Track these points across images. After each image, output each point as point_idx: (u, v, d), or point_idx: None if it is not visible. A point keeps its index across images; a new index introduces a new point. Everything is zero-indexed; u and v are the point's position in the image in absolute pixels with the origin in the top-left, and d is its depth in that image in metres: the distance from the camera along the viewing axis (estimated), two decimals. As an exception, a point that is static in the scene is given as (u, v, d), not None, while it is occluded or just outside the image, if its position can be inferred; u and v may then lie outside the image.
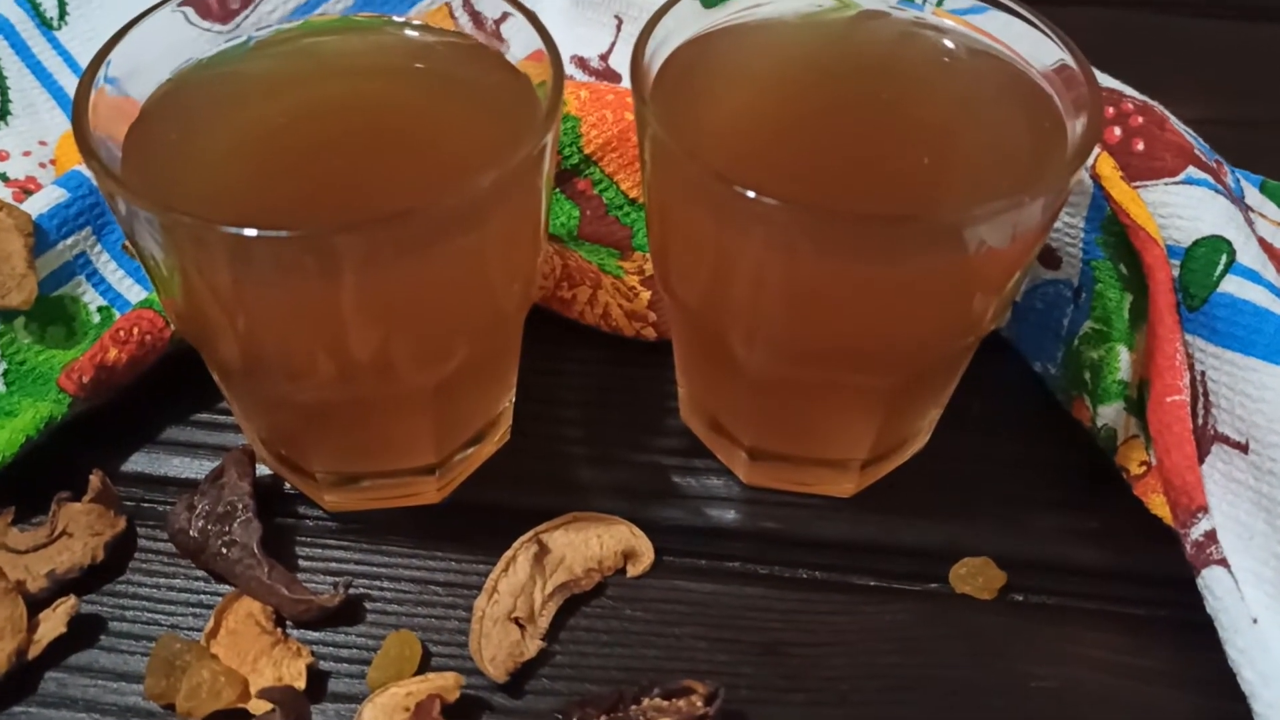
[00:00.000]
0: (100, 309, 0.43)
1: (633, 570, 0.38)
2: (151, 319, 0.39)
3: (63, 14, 0.51)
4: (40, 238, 0.41)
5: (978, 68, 0.36)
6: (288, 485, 0.39)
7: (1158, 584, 0.38)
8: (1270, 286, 0.37)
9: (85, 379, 0.38)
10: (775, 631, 0.37)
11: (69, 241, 0.42)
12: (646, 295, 0.44)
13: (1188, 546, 0.36)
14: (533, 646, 0.35)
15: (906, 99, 0.36)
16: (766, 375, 0.36)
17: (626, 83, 0.50)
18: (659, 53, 0.35)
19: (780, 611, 0.37)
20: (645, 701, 0.33)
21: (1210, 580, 0.35)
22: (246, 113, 0.34)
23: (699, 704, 0.33)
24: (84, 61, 0.49)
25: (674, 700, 0.33)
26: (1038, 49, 0.36)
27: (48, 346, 0.41)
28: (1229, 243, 0.38)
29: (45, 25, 0.50)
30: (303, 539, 0.38)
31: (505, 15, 0.39)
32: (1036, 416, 0.42)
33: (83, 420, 0.40)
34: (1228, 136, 0.52)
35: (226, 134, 0.34)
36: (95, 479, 0.37)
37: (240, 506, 0.36)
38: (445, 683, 0.33)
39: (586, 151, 0.45)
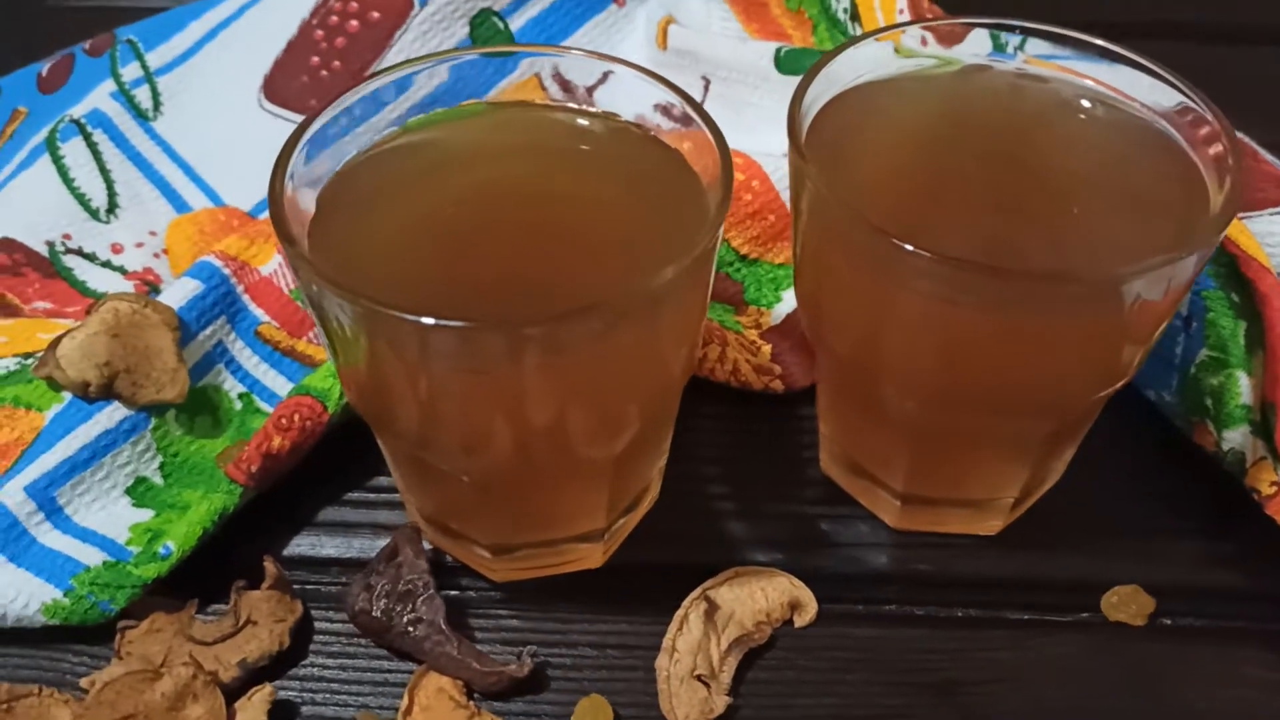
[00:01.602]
0: (241, 395, 0.43)
1: (799, 620, 0.39)
2: (310, 404, 0.40)
3: (157, 105, 0.52)
4: (183, 330, 0.42)
5: (1101, 115, 0.38)
6: (449, 558, 0.40)
7: (1300, 600, 0.39)
8: (1387, 309, 0.39)
9: (254, 468, 0.39)
10: (943, 671, 0.38)
11: (207, 332, 0.43)
12: (768, 349, 0.45)
13: (1335, 563, 0.37)
14: (720, 703, 0.36)
15: (1044, 150, 0.37)
16: (920, 423, 0.37)
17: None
18: (810, 111, 0.36)
19: (944, 651, 0.38)
20: (842, 750, 0.34)
21: (1361, 594, 0.37)
22: (420, 199, 0.36)
23: (898, 749, 0.34)
24: (181, 150, 0.51)
25: (872, 747, 0.34)
26: (1154, 92, 0.38)
27: (197, 437, 0.42)
28: (1342, 268, 0.40)
29: (141, 117, 0.51)
30: (474, 611, 0.39)
31: (604, 77, 0.41)
32: (1158, 444, 0.44)
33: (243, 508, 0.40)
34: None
35: (403, 219, 0.35)
36: (271, 566, 0.38)
37: (421, 585, 0.37)
38: (649, 745, 0.34)
39: (699, 212, 0.46)
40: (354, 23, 0.51)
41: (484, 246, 0.34)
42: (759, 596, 0.39)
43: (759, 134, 0.50)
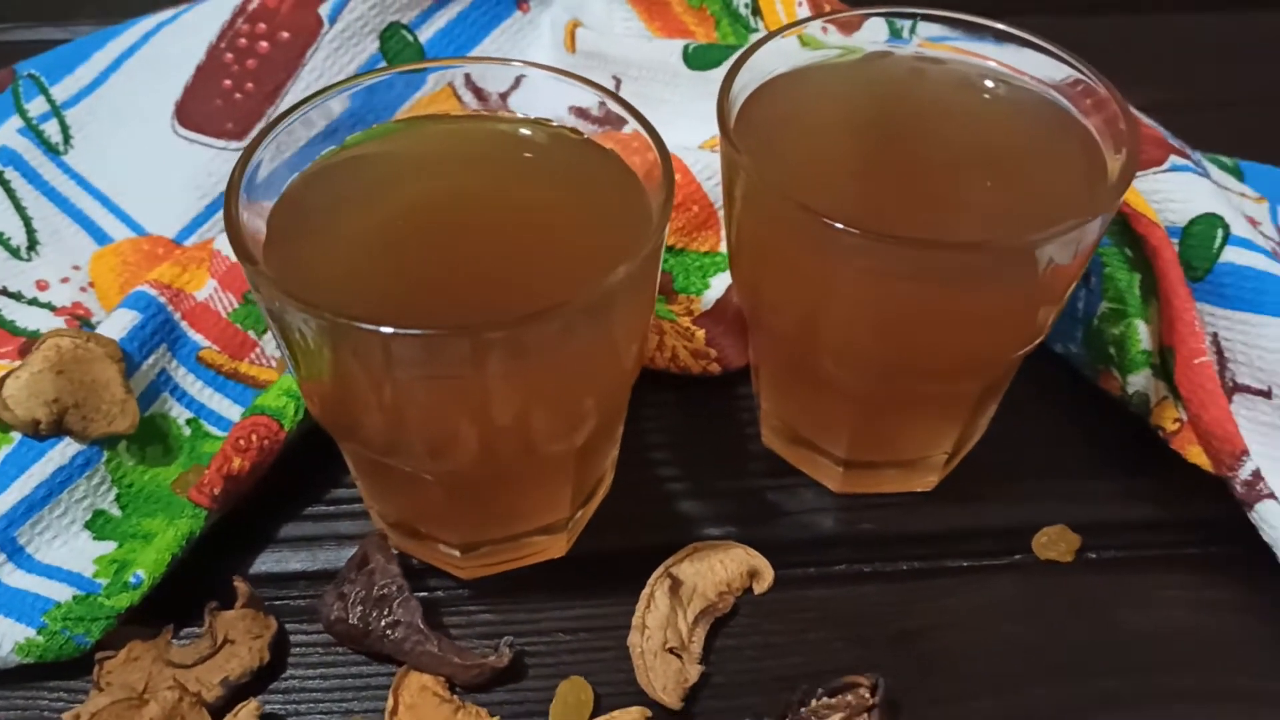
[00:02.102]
0: (189, 421, 0.44)
1: (758, 587, 0.41)
2: (266, 424, 0.41)
3: (67, 138, 0.51)
4: (126, 361, 0.42)
5: (1000, 92, 0.41)
6: (415, 561, 0.41)
7: (1208, 526, 0.43)
8: (1264, 251, 0.43)
9: (217, 491, 0.39)
10: (895, 622, 0.40)
11: (150, 361, 0.43)
12: (701, 333, 0.47)
13: (1237, 487, 0.41)
14: (694, 671, 0.38)
15: (951, 127, 0.40)
16: (858, 392, 0.40)
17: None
18: (735, 104, 0.38)
19: (894, 604, 0.41)
20: (814, 703, 0.36)
21: (1264, 513, 0.40)
22: (369, 212, 0.36)
23: (866, 696, 0.36)
24: (96, 182, 0.50)
25: (841, 696, 0.36)
26: (1045, 67, 0.41)
27: (149, 466, 0.42)
28: (1222, 218, 0.43)
29: (52, 151, 0.51)
30: (446, 610, 0.40)
31: (516, 82, 0.42)
32: (1069, 394, 0.47)
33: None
34: (1168, 122, 0.58)
35: (354, 233, 0.36)
36: (242, 585, 0.38)
37: (396, 588, 0.38)
38: (632, 718, 0.36)
39: (624, 207, 0.48)
40: (264, 44, 0.51)
41: (437, 255, 0.36)
42: (718, 568, 0.40)
43: (674, 128, 0.52)
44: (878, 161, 0.39)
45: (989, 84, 0.41)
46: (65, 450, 0.40)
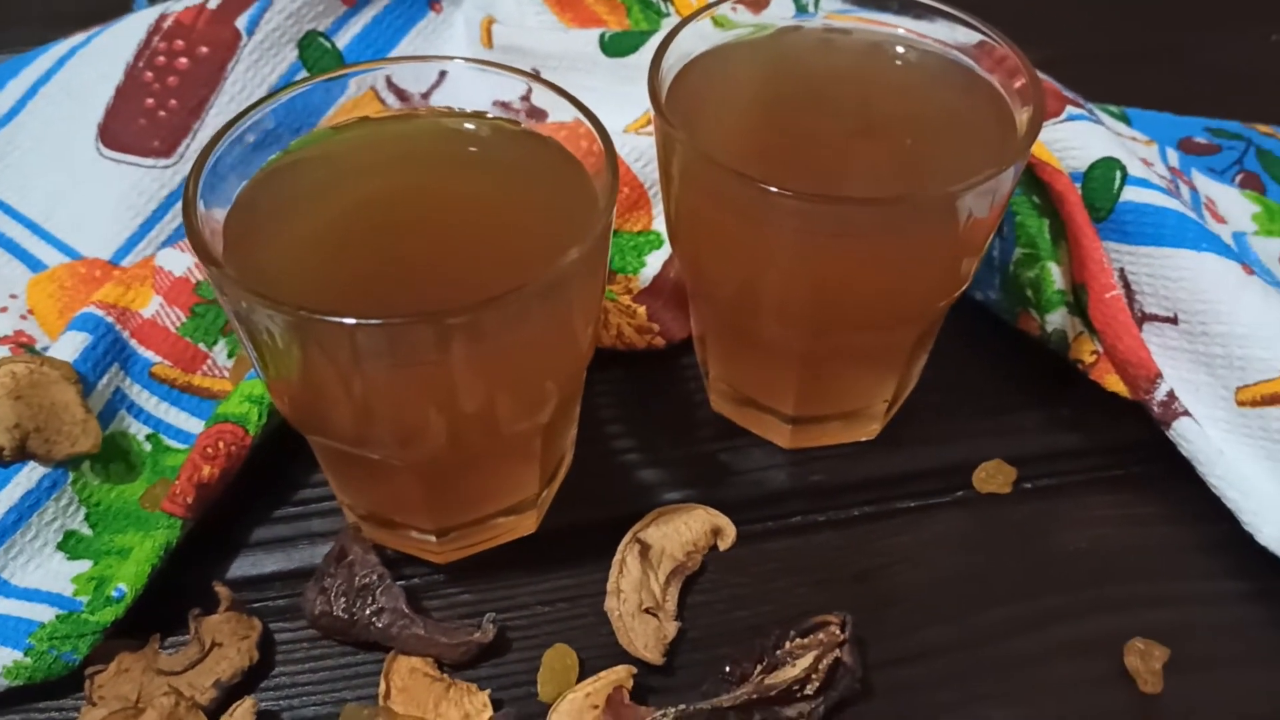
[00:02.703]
0: (149, 437, 0.44)
1: (722, 544, 0.43)
2: (232, 430, 0.41)
3: (-12, 167, 0.51)
4: (82, 382, 0.42)
5: (906, 56, 0.43)
6: (389, 550, 0.42)
7: (1130, 448, 0.46)
8: (1159, 188, 0.46)
9: (190, 500, 0.40)
10: (853, 564, 0.43)
11: (104, 380, 0.43)
12: (642, 310, 0.49)
13: (1154, 408, 0.44)
14: (671, 628, 0.40)
15: (866, 91, 0.42)
16: (801, 350, 0.42)
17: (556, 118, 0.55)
18: (664, 84, 0.40)
19: (849, 548, 0.43)
20: (787, 644, 0.38)
21: (1181, 430, 0.43)
22: (324, 212, 0.37)
23: (836, 633, 0.38)
24: (24, 209, 0.51)
25: (813, 635, 0.38)
26: (949, 31, 0.43)
27: (114, 484, 0.42)
28: (1119, 160, 0.47)
29: (-26, 182, 0.51)
30: (425, 595, 0.41)
31: (439, 79, 0.43)
32: (992, 338, 0.50)
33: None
34: (1051, 76, 0.61)
35: (312, 234, 0.36)
36: (223, 589, 0.39)
37: (377, 577, 0.39)
38: (619, 676, 0.38)
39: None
40: (183, 60, 0.52)
41: (394, 249, 0.37)
42: (683, 530, 0.42)
43: (598, 112, 0.54)
44: (801, 128, 0.41)
45: (897, 50, 0.44)
46: (31, 474, 0.40)
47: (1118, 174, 0.46)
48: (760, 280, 0.40)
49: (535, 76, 0.40)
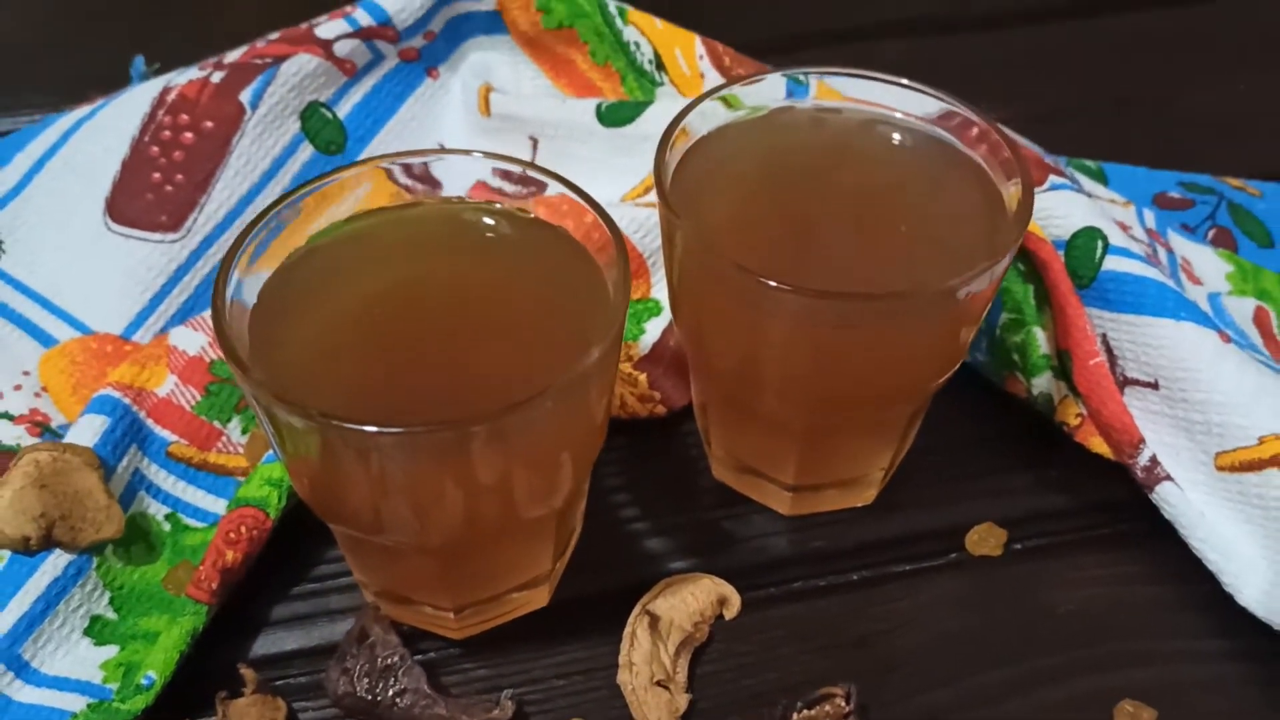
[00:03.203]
0: (167, 517, 0.45)
1: (728, 614, 0.44)
2: (253, 515, 0.43)
3: (-1, 244, 0.52)
4: (103, 466, 0.43)
5: (896, 136, 0.45)
6: (405, 626, 0.44)
7: (1115, 507, 0.48)
8: (1140, 258, 0.48)
9: (215, 585, 0.41)
10: (854, 629, 0.44)
11: (124, 463, 0.44)
12: (644, 377, 0.50)
13: (1138, 472, 0.46)
14: (682, 700, 0.41)
15: (860, 173, 0.44)
16: (800, 424, 0.44)
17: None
18: (669, 169, 0.42)
19: (851, 612, 0.45)
20: (795, 716, 0.40)
21: (1163, 493, 0.45)
22: (346, 308, 0.38)
23: (841, 704, 0.40)
24: (34, 284, 0.51)
25: (819, 707, 0.40)
26: (930, 107, 0.45)
27: (136, 565, 0.44)
28: (1101, 230, 0.48)
29: (-14, 259, 0.52)
30: (443, 670, 0.43)
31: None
32: (982, 400, 0.51)
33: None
34: (1030, 133, 0.63)
35: (335, 331, 0.38)
36: (249, 673, 0.40)
37: (399, 658, 0.40)
38: (635, 751, 0.39)
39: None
40: (188, 134, 0.53)
41: (415, 347, 0.38)
42: (690, 600, 0.44)
43: (596, 182, 0.55)
44: (799, 213, 0.42)
45: (885, 130, 0.45)
46: (56, 562, 0.41)
47: (1099, 243, 0.48)
48: (760, 360, 0.41)
49: (531, 165, 0.41)
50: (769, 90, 0.47)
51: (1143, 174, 0.61)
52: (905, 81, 0.45)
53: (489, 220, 0.42)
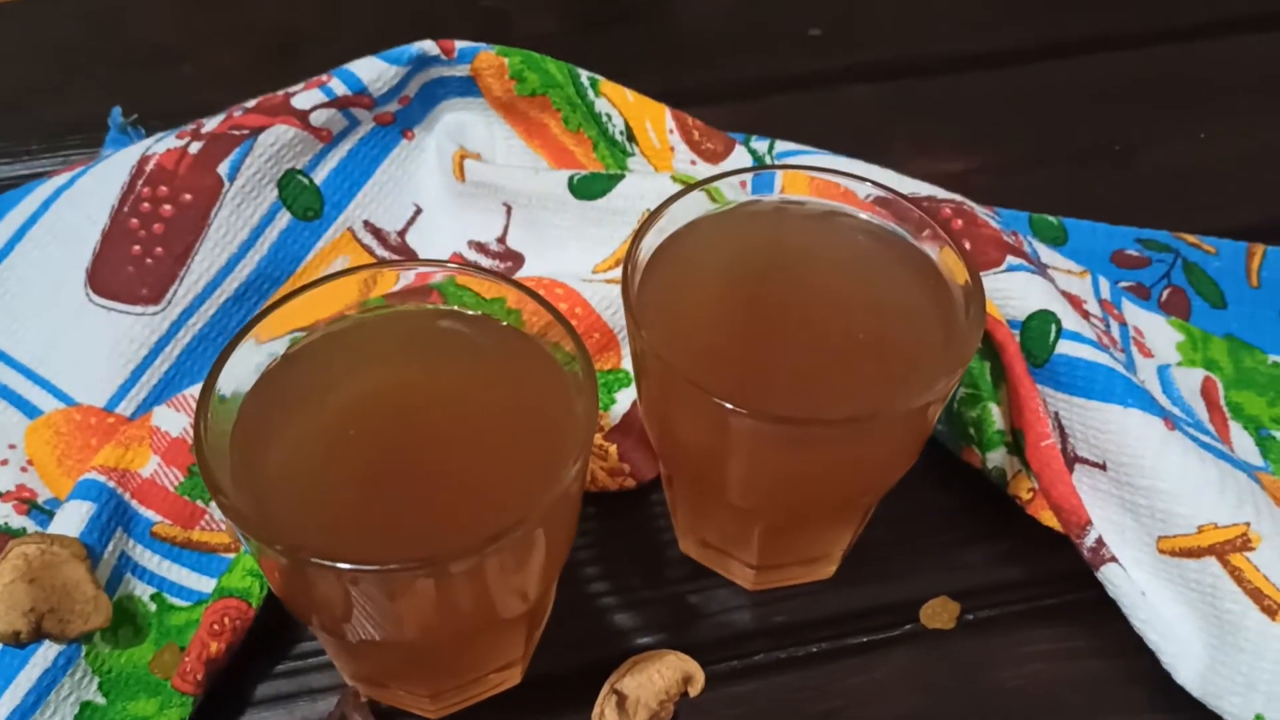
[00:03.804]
0: (153, 596, 0.47)
1: (693, 691, 0.46)
2: (236, 605, 0.44)
3: (-22, 312, 0.53)
4: (90, 554, 0.45)
5: (865, 242, 0.46)
6: (382, 705, 0.46)
7: (1063, 577, 0.50)
8: (1093, 343, 0.50)
9: (200, 677, 0.43)
10: (815, 706, 0.46)
11: (110, 548, 0.46)
12: (614, 449, 0.52)
13: (1084, 552, 0.48)
14: (648, 781, 0.44)
15: (820, 278, 0.45)
16: (764, 517, 0.45)
17: (531, 266, 0.58)
18: (635, 276, 0.43)
19: (812, 688, 0.47)
20: (753, 798, 0.42)
21: (1107, 574, 0.48)
22: (321, 429, 0.40)
23: (797, 788, 0.42)
24: (16, 354, 0.53)
25: (777, 791, 0.42)
26: (889, 206, 0.46)
27: (123, 649, 0.45)
28: (1055, 315, 0.50)
29: (-34, 328, 0.53)
30: (418, 748, 0.45)
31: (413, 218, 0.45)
32: (938, 473, 0.53)
33: (188, 706, 0.44)
34: (989, 183, 0.65)
35: (312, 450, 0.39)
36: (233, 758, 0.42)
37: (377, 745, 0.42)
38: (601, 836, 0.41)
39: (531, 340, 0.52)
40: (167, 207, 0.54)
41: (393, 468, 0.39)
42: (656, 678, 0.46)
43: (566, 250, 0.57)
44: (760, 323, 0.43)
45: (844, 227, 0.47)
46: (47, 653, 0.43)
47: (1052, 327, 0.50)
48: (721, 466, 0.43)
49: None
50: (734, 160, 0.49)
51: (1103, 230, 0.63)
52: (867, 177, 0.47)
53: (463, 329, 0.43)
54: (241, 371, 0.40)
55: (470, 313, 0.43)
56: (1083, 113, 0.72)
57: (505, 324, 0.43)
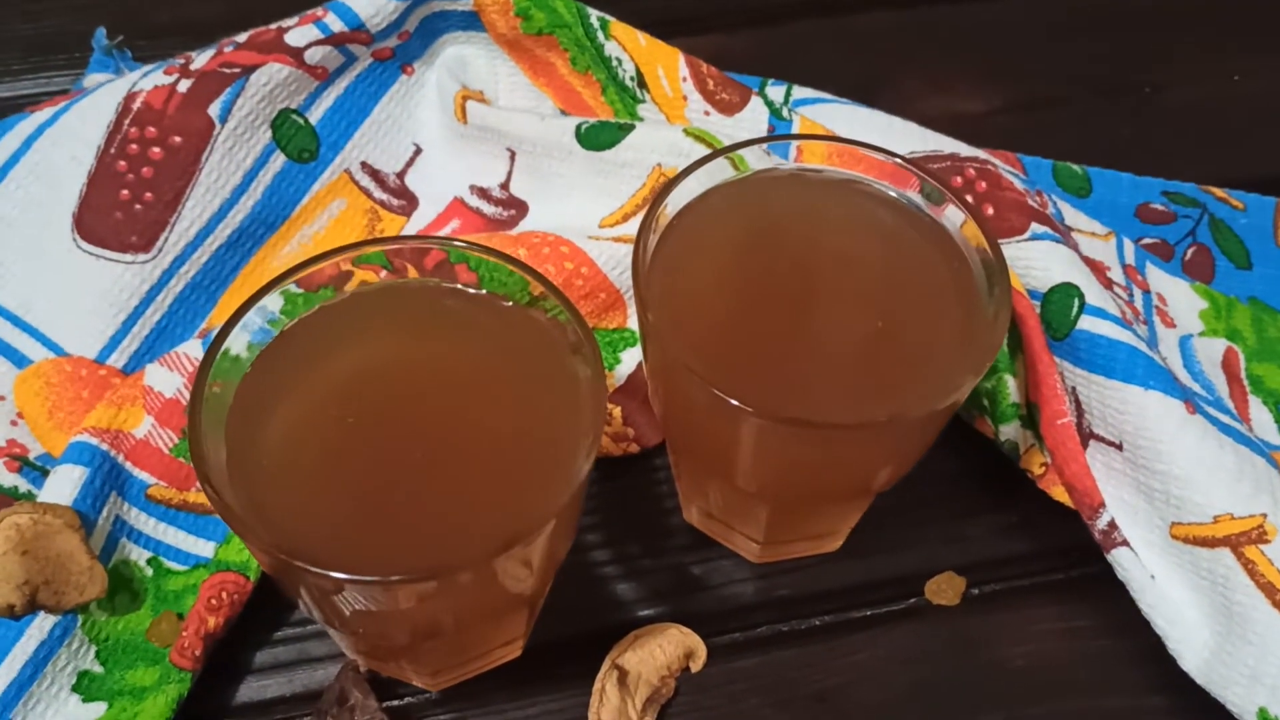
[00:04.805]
0: (150, 560, 0.46)
1: (695, 666, 0.46)
2: (234, 579, 0.44)
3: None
4: (84, 521, 0.44)
5: (886, 219, 0.44)
6: (382, 675, 0.45)
7: (1071, 551, 0.49)
8: (1116, 320, 0.48)
9: (198, 652, 0.43)
10: (817, 681, 0.46)
11: (104, 514, 0.45)
12: (618, 411, 0.51)
13: (1095, 534, 0.48)
14: (648, 759, 0.44)
15: (837, 259, 0.43)
16: (770, 500, 0.44)
17: (535, 216, 0.55)
18: (648, 255, 0.41)
19: (812, 664, 0.47)
20: (753, 780, 0.42)
21: (1117, 557, 0.47)
22: (315, 420, 0.38)
23: (798, 773, 0.42)
24: (3, 301, 0.51)
25: (777, 774, 0.42)
26: (912, 182, 0.44)
27: (120, 615, 0.45)
28: (1078, 288, 0.49)
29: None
30: (415, 718, 0.45)
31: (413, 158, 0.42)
32: (951, 443, 0.52)
33: (186, 675, 0.44)
34: (1012, 125, 0.63)
35: (305, 442, 0.38)
36: (233, 733, 0.42)
37: (377, 723, 0.42)
38: (601, 817, 0.42)
39: (536, 300, 0.50)
40: (156, 150, 0.51)
41: (393, 463, 0.37)
42: (658, 654, 0.46)
43: (570, 200, 0.55)
44: (774, 310, 0.41)
45: (860, 199, 0.44)
46: (43, 625, 0.42)
47: (1075, 301, 0.48)
48: (728, 454, 0.42)
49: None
50: (748, 114, 0.47)
51: (1128, 181, 0.61)
52: (886, 143, 0.44)
53: (467, 308, 0.41)
54: (236, 349, 0.39)
55: (475, 292, 0.41)
56: (1112, 45, 0.69)
57: (512, 304, 0.41)
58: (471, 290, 0.41)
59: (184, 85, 0.52)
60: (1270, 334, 0.54)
